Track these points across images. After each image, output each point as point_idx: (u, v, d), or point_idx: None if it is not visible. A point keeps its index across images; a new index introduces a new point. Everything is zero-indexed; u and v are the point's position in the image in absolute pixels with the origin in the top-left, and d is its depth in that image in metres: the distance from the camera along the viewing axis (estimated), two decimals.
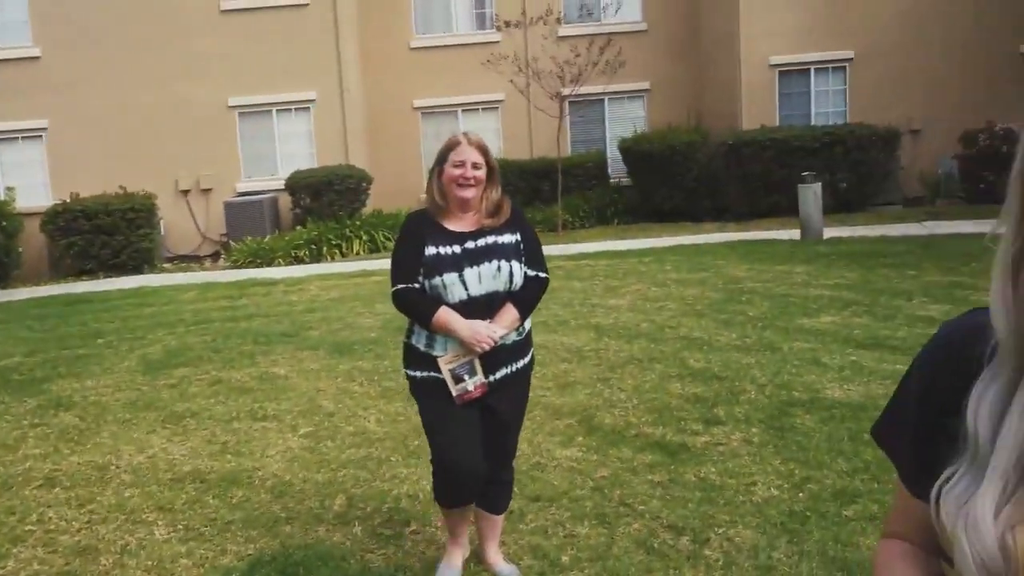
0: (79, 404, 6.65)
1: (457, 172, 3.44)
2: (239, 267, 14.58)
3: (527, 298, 3.53)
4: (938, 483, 0.99)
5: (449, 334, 3.41)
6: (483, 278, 3.42)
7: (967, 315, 1.07)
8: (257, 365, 7.51)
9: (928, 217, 14.53)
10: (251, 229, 15.81)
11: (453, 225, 3.50)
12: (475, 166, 3.45)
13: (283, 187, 16.23)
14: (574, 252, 13.07)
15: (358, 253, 14.97)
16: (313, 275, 12.74)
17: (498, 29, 16.57)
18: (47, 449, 5.68)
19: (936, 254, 10.92)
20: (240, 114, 17.06)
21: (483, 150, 3.50)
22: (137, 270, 14.93)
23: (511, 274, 3.45)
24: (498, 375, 3.50)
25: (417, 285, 3.44)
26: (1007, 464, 0.93)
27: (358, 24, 17.80)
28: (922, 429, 1.06)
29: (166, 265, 15.78)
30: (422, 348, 3.50)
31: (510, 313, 3.46)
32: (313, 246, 14.92)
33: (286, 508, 4.55)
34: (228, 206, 16.14)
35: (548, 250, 3.90)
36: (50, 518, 4.59)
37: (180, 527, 4.39)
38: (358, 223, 15.44)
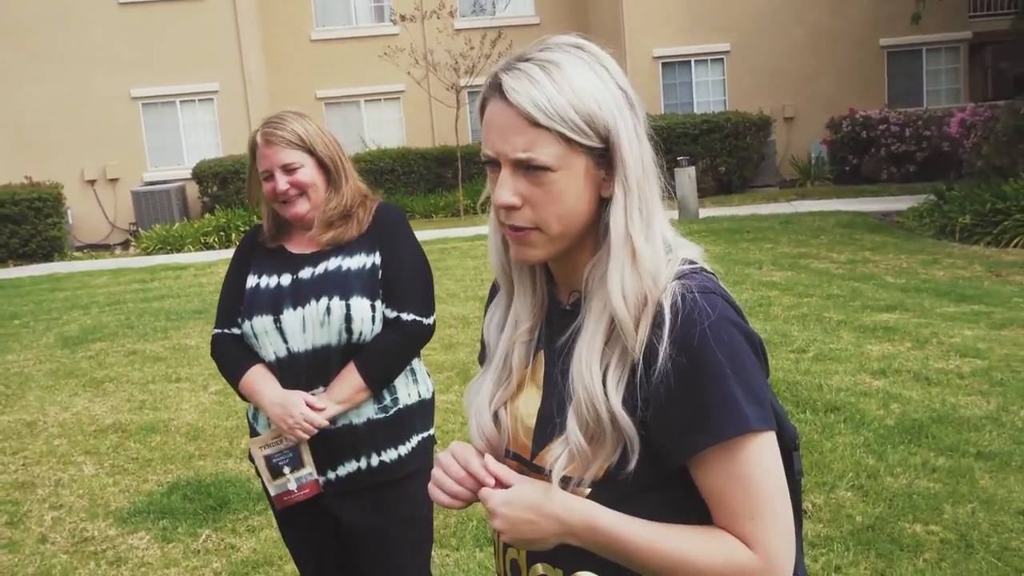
0: (2, 375, 7.25)
1: (268, 187, 2.37)
2: (149, 254, 15.04)
3: (379, 357, 2.34)
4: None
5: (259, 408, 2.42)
6: (308, 325, 2.32)
7: None
8: (170, 338, 8.19)
9: (796, 197, 15.87)
10: (160, 217, 16.26)
11: (294, 244, 2.45)
12: (287, 169, 2.34)
13: (190, 176, 16.70)
14: (472, 234, 13.93)
15: None
16: (222, 259, 13.30)
17: (394, 23, 17.29)
18: None
19: (793, 229, 12.14)
20: (144, 105, 17.44)
21: (298, 142, 2.34)
22: (47, 258, 15.25)
23: (347, 318, 2.30)
24: (341, 471, 2.38)
25: (237, 331, 2.44)
26: (498, 362, 1.31)
27: (259, 17, 18.34)
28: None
29: (76, 254, 16.11)
30: (249, 418, 2.52)
31: (348, 381, 2.32)
32: (222, 232, 15.44)
33: (199, 448, 5.33)
34: (136, 195, 16.55)
35: (449, 232, 3.20)
36: None
37: (107, 465, 5.14)
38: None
